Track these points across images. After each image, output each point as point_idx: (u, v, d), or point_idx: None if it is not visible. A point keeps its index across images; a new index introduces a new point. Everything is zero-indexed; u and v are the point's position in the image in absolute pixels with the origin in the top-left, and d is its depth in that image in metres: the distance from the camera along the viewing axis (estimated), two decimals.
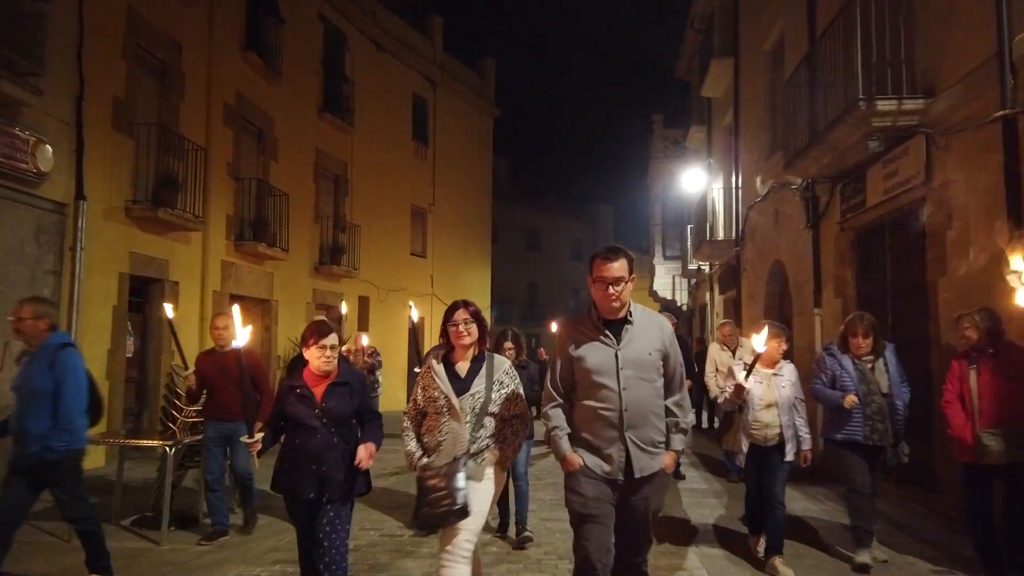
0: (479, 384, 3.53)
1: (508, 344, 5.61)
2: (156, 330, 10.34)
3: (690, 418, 3.42)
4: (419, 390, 3.65)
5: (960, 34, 6.12)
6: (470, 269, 23.18)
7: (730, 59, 14.59)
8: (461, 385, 3.53)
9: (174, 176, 10.13)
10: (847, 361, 5.12)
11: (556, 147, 64.76)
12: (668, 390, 3.34)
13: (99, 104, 8.95)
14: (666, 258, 24.81)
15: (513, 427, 3.56)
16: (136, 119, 9.68)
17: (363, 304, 17.50)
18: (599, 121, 73.64)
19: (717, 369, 8.14)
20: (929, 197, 6.60)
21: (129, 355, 9.89)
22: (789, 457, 4.91)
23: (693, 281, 21.94)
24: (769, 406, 4.92)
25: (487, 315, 24.60)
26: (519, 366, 5.11)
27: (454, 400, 3.47)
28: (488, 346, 3.74)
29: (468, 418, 3.47)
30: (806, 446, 4.99)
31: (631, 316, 3.29)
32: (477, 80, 23.80)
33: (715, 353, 8.44)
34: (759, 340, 4.32)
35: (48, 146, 7.90)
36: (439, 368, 3.59)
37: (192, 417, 6.05)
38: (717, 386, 7.83)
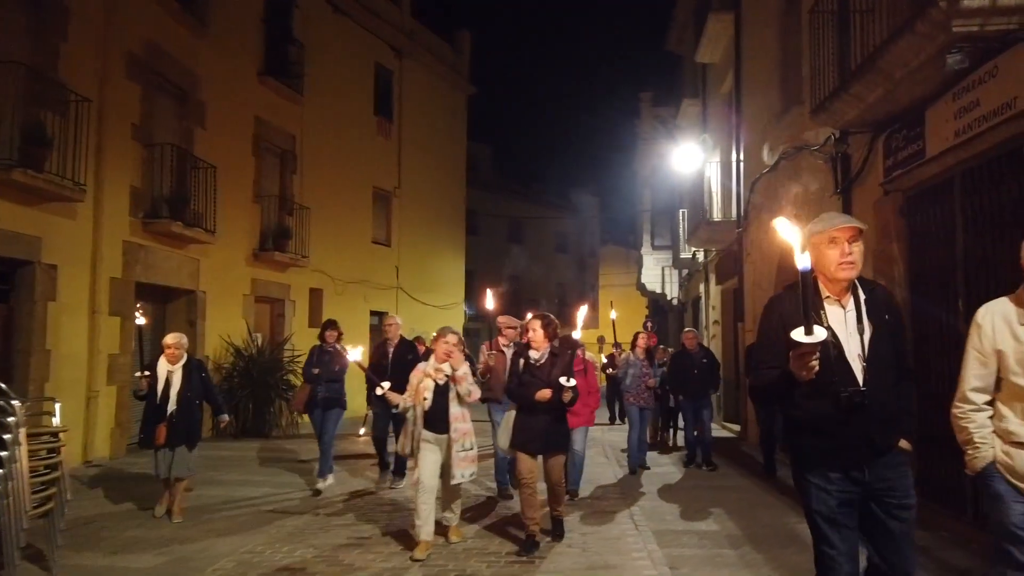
0: None
1: None
2: (25, 325, 8.29)
3: None
4: None
5: None
6: (441, 260, 21.16)
7: (730, 14, 12.88)
8: None
9: (45, 132, 8.08)
10: None
11: (538, 132, 62.20)
12: None
13: None
14: (655, 248, 23.01)
15: None
16: None
17: (316, 297, 15.43)
18: (583, 103, 71.08)
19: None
20: None
21: None
22: None
23: (685, 272, 20.06)
24: None
25: (461, 311, 22.80)
26: None
27: None
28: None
29: None
30: None
31: None
32: (450, 53, 21.74)
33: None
34: None
35: None
36: None
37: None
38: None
